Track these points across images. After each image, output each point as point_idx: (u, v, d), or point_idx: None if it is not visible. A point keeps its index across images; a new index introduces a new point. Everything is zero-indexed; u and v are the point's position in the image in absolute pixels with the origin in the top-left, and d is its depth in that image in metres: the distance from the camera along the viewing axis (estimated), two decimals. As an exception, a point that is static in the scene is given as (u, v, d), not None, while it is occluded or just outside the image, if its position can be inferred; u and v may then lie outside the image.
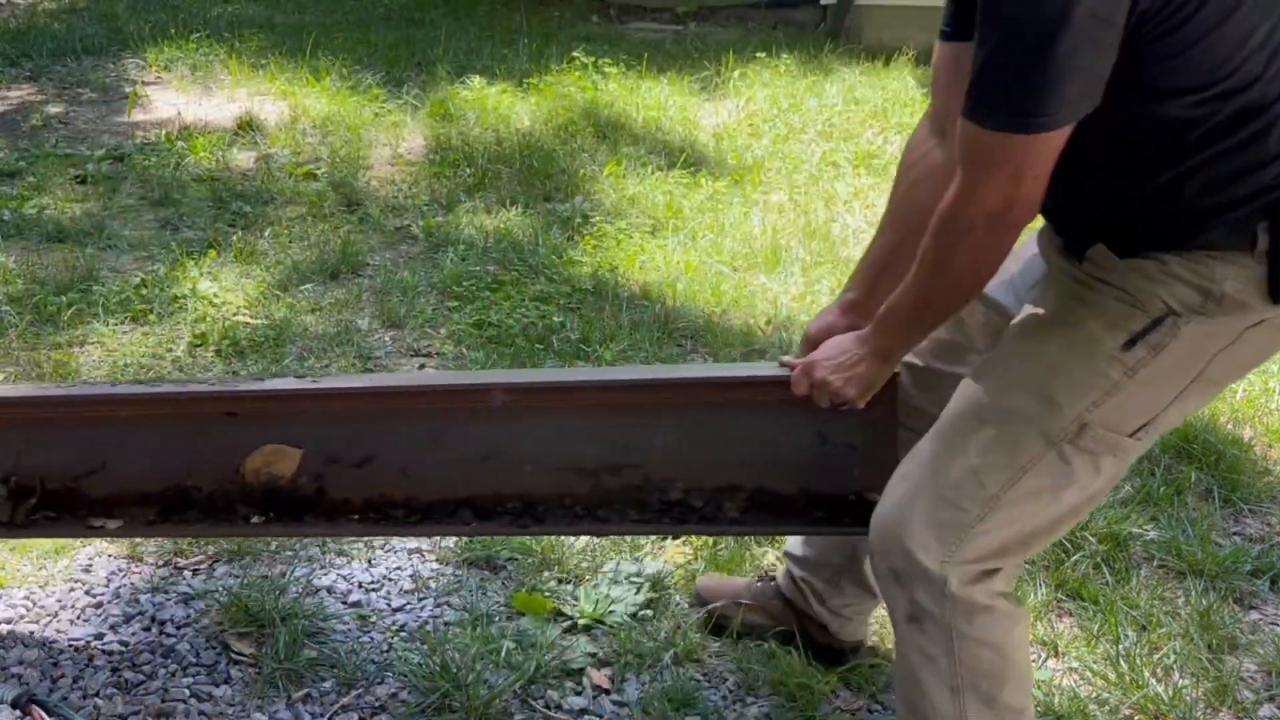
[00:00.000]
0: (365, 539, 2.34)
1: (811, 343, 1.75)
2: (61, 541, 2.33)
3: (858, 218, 4.23)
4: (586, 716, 1.92)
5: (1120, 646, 2.06)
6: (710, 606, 2.12)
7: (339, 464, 1.86)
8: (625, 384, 1.93)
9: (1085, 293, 1.45)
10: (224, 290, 3.60)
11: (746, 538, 2.30)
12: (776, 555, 2.29)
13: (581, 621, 2.11)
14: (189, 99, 5.85)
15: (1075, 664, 2.04)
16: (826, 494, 1.81)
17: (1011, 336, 1.54)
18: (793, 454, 1.81)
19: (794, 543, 2.05)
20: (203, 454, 1.88)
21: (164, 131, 5.20)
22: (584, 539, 2.33)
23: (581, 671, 2.01)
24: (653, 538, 2.34)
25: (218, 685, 1.96)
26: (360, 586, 2.24)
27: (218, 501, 1.88)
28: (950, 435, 1.50)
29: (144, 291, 3.55)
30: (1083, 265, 1.46)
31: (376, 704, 1.92)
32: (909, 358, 1.72)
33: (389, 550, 2.35)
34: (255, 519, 1.87)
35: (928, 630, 1.49)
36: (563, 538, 2.31)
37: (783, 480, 1.82)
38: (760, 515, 1.84)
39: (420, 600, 2.21)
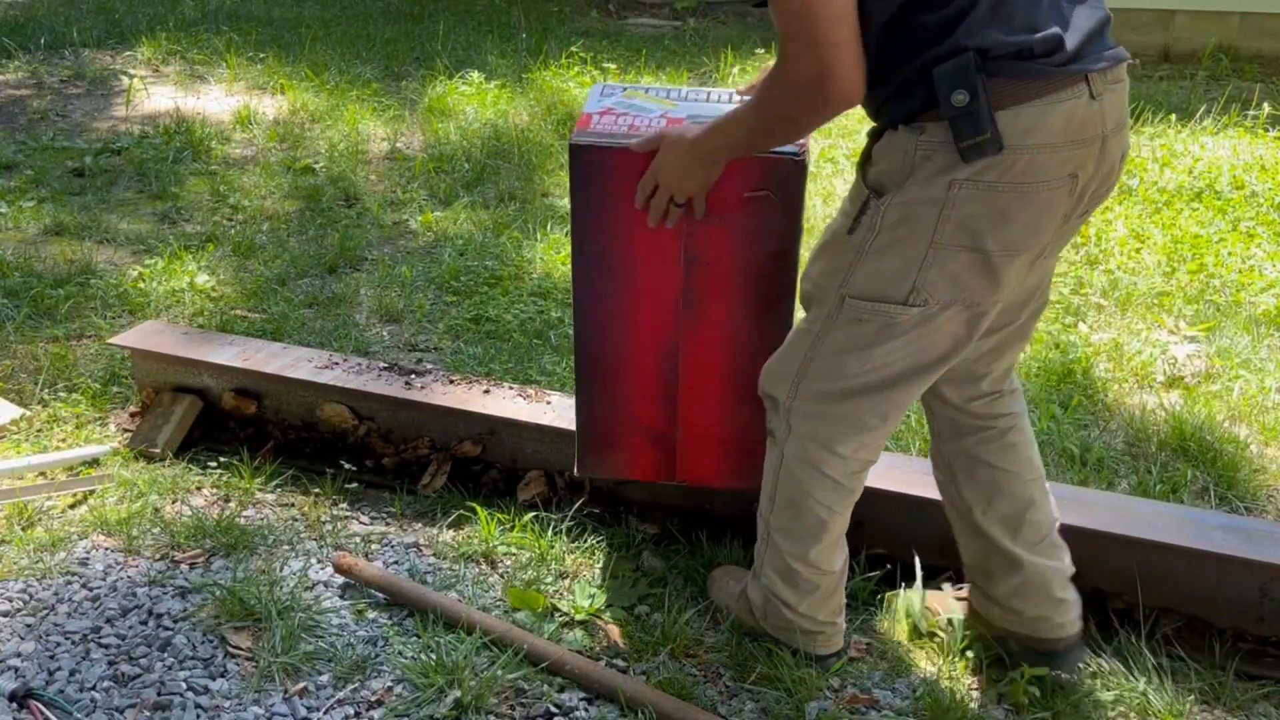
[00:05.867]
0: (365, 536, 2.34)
1: None
2: (58, 534, 2.33)
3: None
4: (582, 711, 1.92)
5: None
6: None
7: None
8: None
9: (852, 191, 1.74)
10: (221, 284, 3.60)
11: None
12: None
13: (578, 617, 2.12)
14: (187, 92, 5.84)
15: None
16: None
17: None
18: None
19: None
20: None
21: (162, 125, 5.19)
22: (584, 539, 2.34)
23: (578, 666, 2.01)
24: (645, 535, 2.35)
25: (214, 679, 1.96)
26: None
27: None
28: (815, 304, 1.81)
29: (142, 285, 3.55)
30: (866, 155, 1.71)
31: (373, 698, 1.92)
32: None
33: (386, 545, 2.35)
34: None
35: (775, 443, 1.90)
36: (562, 537, 2.31)
37: None
38: None
39: (417, 595, 2.21)
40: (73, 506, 2.47)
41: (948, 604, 2.11)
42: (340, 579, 2.23)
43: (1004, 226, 1.58)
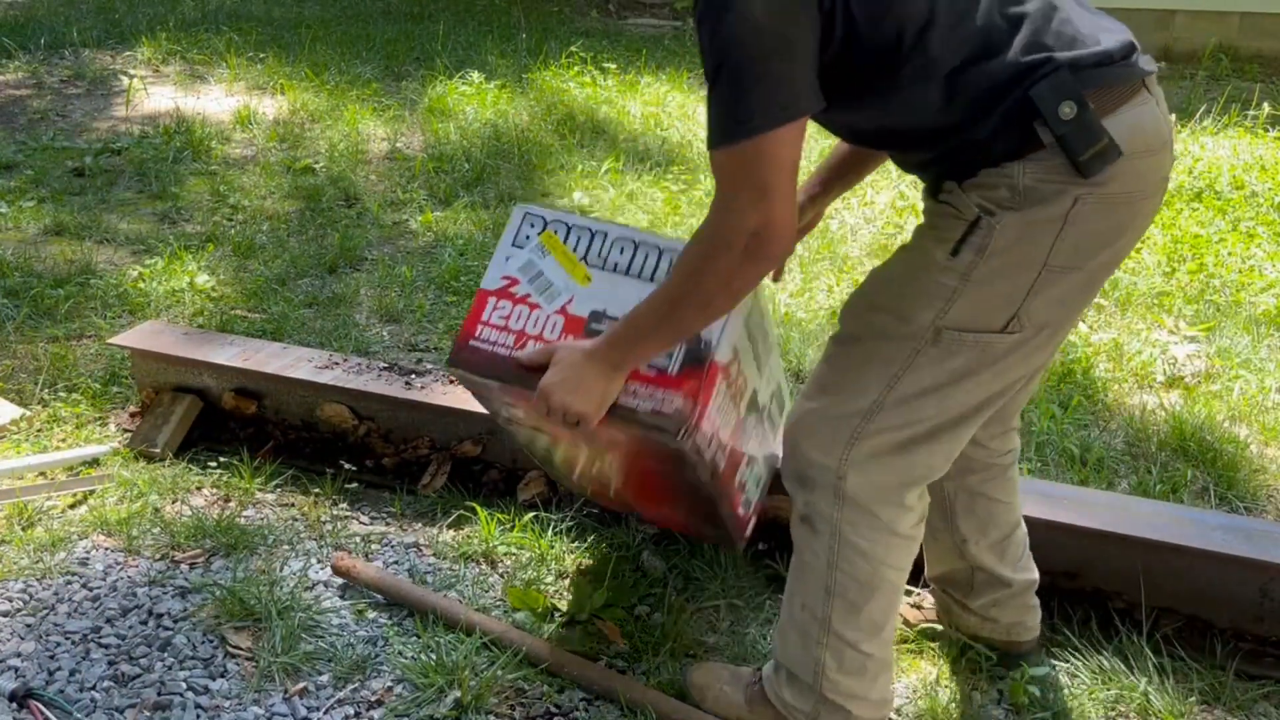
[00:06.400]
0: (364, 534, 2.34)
1: None
2: (58, 534, 2.33)
3: (855, 215, 4.23)
4: (582, 712, 1.92)
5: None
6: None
7: None
8: None
9: (931, 219, 1.58)
10: (222, 284, 3.60)
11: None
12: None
13: (578, 617, 2.11)
14: (187, 92, 5.84)
15: (1075, 662, 2.05)
16: None
17: (874, 270, 1.66)
18: None
19: (926, 565, 2.08)
20: None
21: (161, 125, 5.19)
22: (584, 539, 2.34)
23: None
24: (645, 534, 2.35)
25: (214, 679, 1.96)
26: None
27: None
28: (834, 359, 1.65)
29: (142, 285, 3.54)
30: (938, 200, 1.57)
31: (373, 698, 1.92)
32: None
33: (386, 545, 2.35)
34: None
35: (818, 529, 1.66)
36: (562, 537, 2.31)
37: None
38: None
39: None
40: (73, 506, 2.46)
41: (913, 614, 2.13)
42: (340, 579, 2.23)
43: (1116, 240, 1.52)
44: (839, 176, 1.92)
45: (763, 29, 1.36)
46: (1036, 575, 2.00)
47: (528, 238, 1.84)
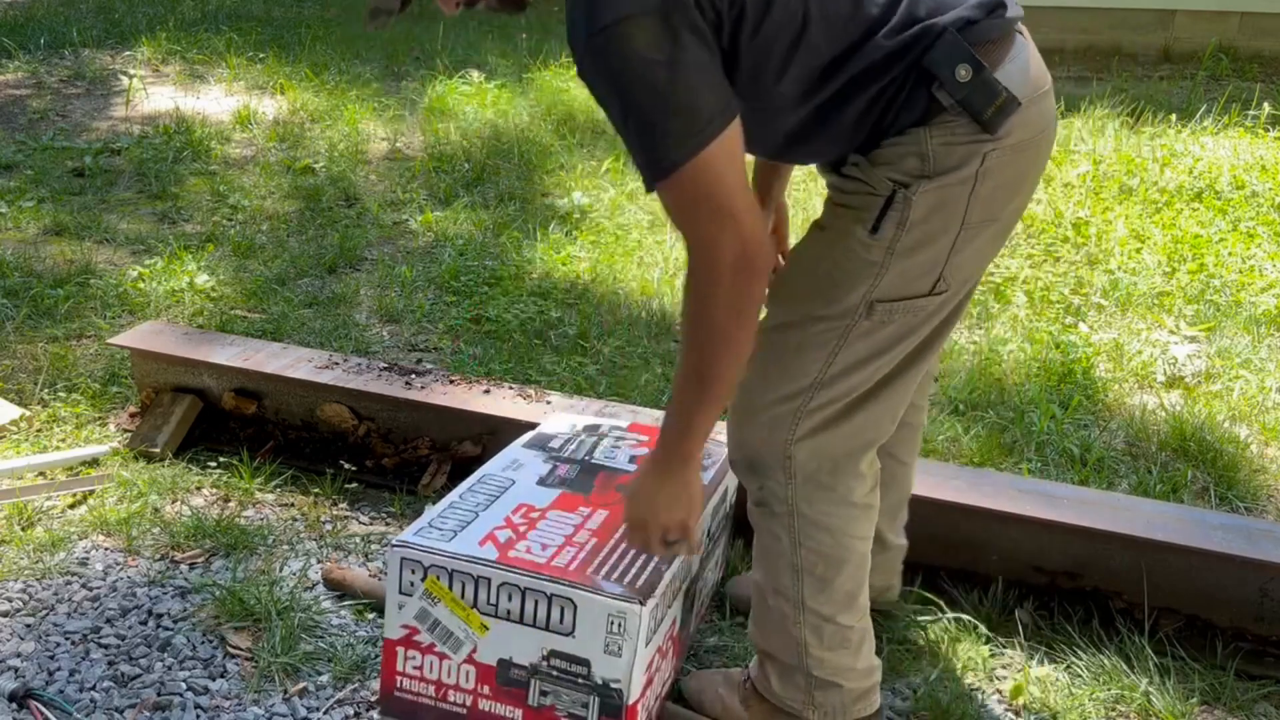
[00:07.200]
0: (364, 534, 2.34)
1: None
2: (58, 534, 2.33)
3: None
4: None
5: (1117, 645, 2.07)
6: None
7: None
8: None
9: (842, 196, 1.58)
10: (221, 284, 3.60)
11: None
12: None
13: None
14: (187, 92, 5.84)
15: (1075, 662, 2.05)
16: None
17: (794, 252, 1.66)
18: None
19: None
20: None
21: (161, 125, 5.19)
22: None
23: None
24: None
25: (214, 679, 1.96)
26: (357, 581, 2.24)
27: None
28: (769, 348, 1.62)
29: (141, 285, 3.54)
30: (843, 174, 1.57)
31: (373, 698, 1.92)
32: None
33: (386, 545, 2.35)
34: None
35: (775, 511, 1.67)
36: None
37: None
38: None
39: (417, 595, 2.20)
40: (73, 506, 2.46)
41: None
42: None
43: (1020, 188, 1.56)
44: (772, 175, 1.97)
45: (650, 62, 1.34)
46: (906, 542, 2.06)
47: (412, 585, 1.74)
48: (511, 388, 2.58)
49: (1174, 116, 5.19)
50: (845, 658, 1.74)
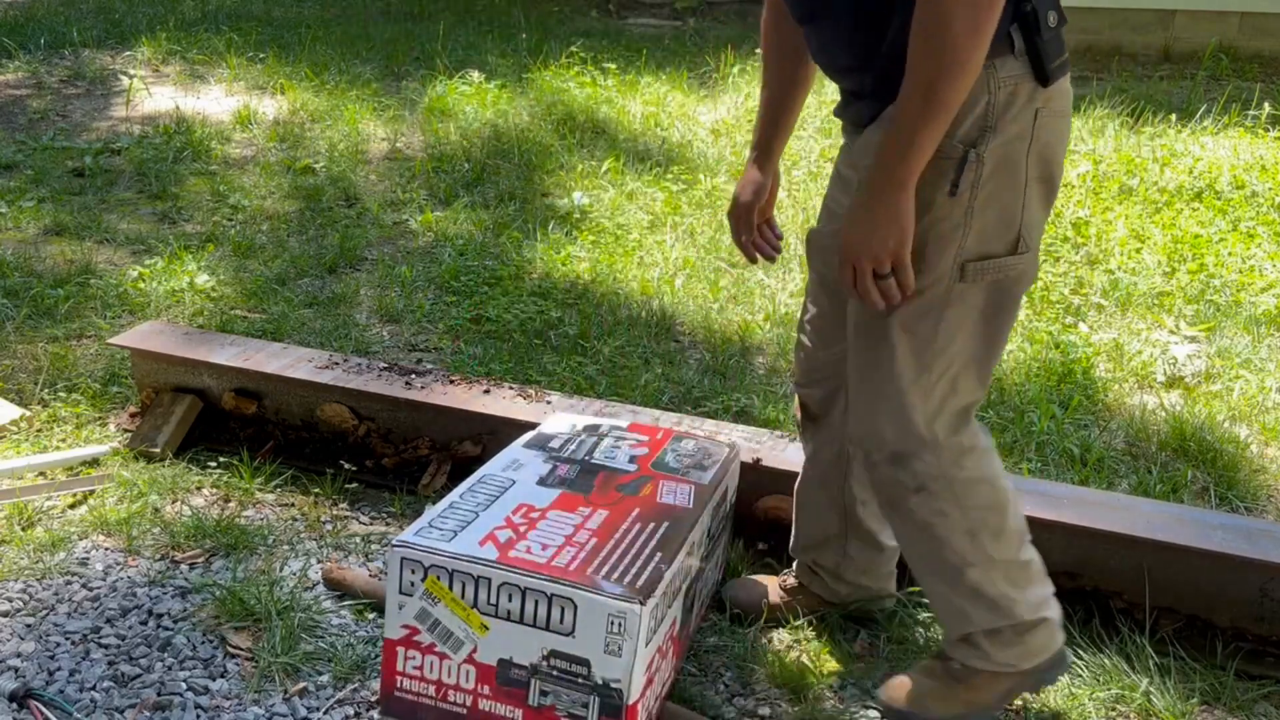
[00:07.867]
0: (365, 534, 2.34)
1: (745, 209, 1.96)
2: (58, 534, 2.33)
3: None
4: (583, 711, 1.92)
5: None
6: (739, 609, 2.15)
7: None
8: None
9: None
10: (221, 284, 3.60)
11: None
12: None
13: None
14: (187, 92, 5.84)
15: (1075, 662, 2.05)
16: None
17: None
18: None
19: (793, 538, 2.12)
20: None
21: (161, 125, 5.19)
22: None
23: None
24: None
25: (214, 679, 1.96)
26: (357, 581, 2.24)
27: None
28: (879, 338, 1.66)
29: (141, 285, 3.55)
30: None
31: (373, 698, 1.92)
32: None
33: (386, 545, 2.35)
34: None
35: (935, 490, 1.70)
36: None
37: None
38: None
39: (417, 595, 2.21)
40: (73, 506, 2.46)
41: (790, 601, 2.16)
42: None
43: (1060, 152, 1.60)
44: (775, 125, 1.94)
45: None
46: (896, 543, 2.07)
47: (412, 585, 1.74)
48: (511, 388, 2.58)
49: (1174, 116, 5.20)
50: (1037, 590, 1.80)
